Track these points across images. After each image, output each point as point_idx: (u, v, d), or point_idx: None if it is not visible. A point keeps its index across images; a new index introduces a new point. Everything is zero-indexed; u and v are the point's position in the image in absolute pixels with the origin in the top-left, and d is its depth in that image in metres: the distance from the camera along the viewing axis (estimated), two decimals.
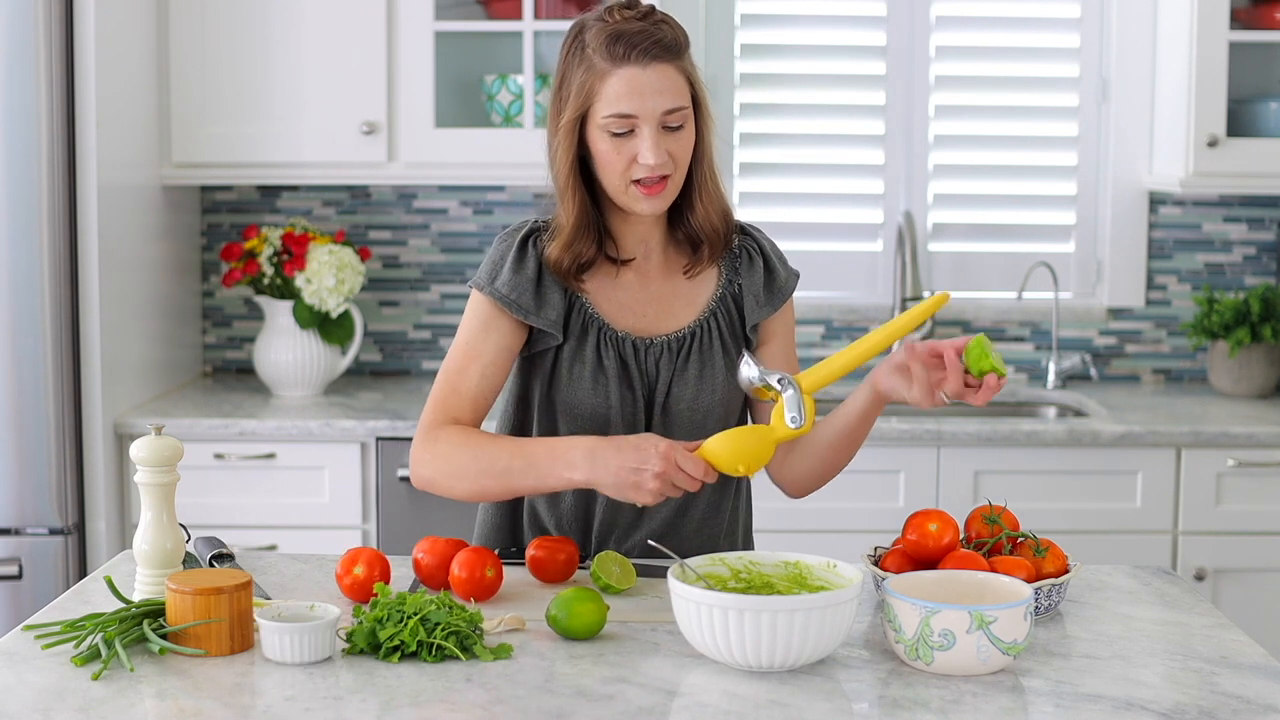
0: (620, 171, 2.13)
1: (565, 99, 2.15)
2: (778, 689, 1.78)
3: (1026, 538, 2.15)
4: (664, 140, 2.12)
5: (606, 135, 2.12)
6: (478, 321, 2.23)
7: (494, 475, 2.11)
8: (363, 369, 4.16)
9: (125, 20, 3.54)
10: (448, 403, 2.20)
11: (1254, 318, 3.89)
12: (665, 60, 2.11)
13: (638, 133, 2.11)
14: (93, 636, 1.89)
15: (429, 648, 1.86)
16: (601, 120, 2.12)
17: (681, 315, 2.27)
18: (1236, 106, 3.83)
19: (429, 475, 2.16)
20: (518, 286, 2.20)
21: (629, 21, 2.12)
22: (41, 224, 3.31)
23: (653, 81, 2.10)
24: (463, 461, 2.13)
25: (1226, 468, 3.54)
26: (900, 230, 3.98)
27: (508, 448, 2.12)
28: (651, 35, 2.10)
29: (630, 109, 2.10)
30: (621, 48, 2.10)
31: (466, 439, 2.14)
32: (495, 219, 4.12)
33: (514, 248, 2.23)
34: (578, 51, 2.14)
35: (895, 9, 4.07)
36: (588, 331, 2.23)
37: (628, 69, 2.10)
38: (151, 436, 2.04)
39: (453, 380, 2.21)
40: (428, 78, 3.73)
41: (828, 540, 3.48)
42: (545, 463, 2.08)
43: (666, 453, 2.02)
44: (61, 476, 3.37)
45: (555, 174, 2.19)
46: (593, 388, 2.22)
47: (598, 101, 2.11)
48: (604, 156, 2.14)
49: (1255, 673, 1.86)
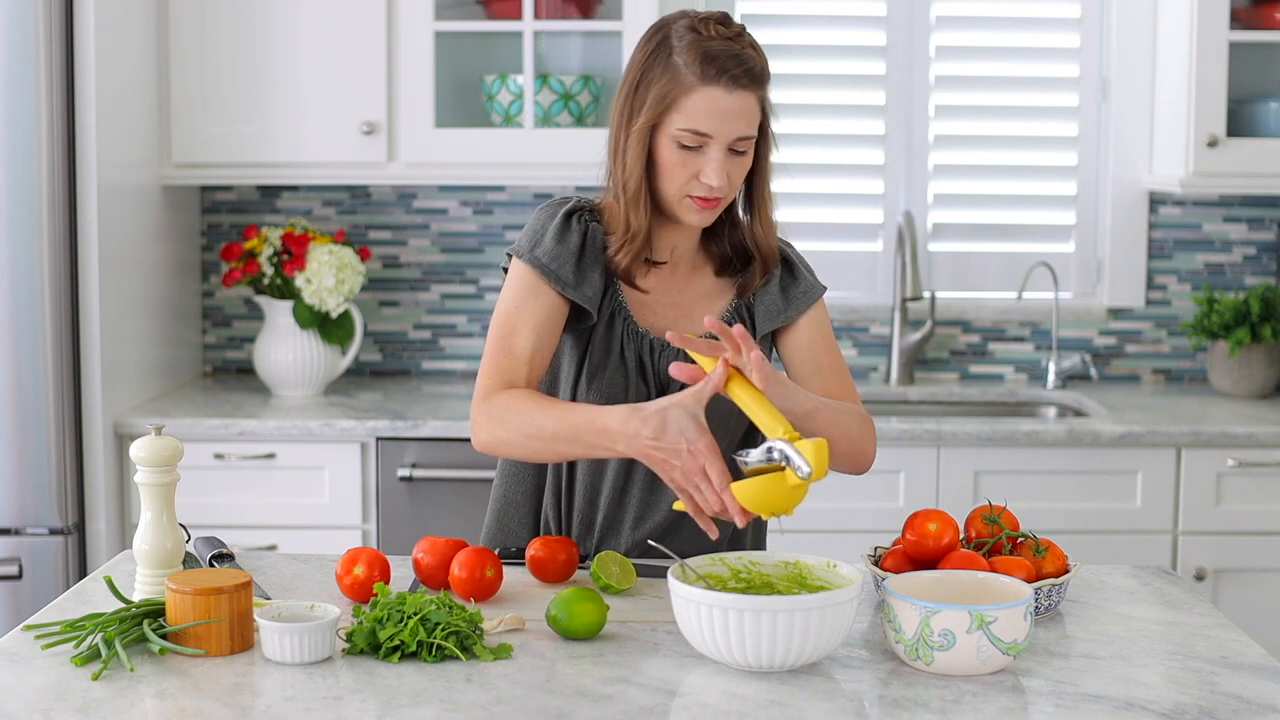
0: (681, 183, 2.15)
1: (642, 102, 2.14)
2: (778, 689, 1.78)
3: (1026, 538, 2.15)
4: (727, 162, 2.14)
5: (675, 146, 2.13)
6: (523, 286, 2.20)
7: (544, 440, 2.09)
8: (363, 369, 4.16)
9: (125, 20, 3.54)
10: (502, 365, 2.17)
11: (1254, 318, 3.89)
12: (749, 89, 2.13)
13: (706, 151, 2.13)
14: (93, 636, 1.89)
15: (429, 648, 1.86)
16: (675, 131, 2.12)
17: (699, 318, 2.28)
18: (1236, 106, 3.83)
19: (486, 440, 2.15)
20: (559, 257, 2.19)
21: (723, 41, 2.12)
22: (41, 224, 3.31)
23: (734, 107, 2.12)
24: (516, 425, 2.10)
25: (1226, 468, 3.54)
26: (900, 230, 3.98)
27: (554, 414, 2.09)
28: (743, 62, 2.11)
29: (707, 129, 2.11)
30: (714, 68, 2.10)
31: (520, 404, 2.11)
32: (495, 219, 4.12)
33: (558, 219, 2.22)
34: (662, 57, 2.13)
35: (895, 9, 4.07)
36: (615, 320, 2.24)
37: (714, 89, 2.10)
38: (151, 436, 2.04)
39: (505, 343, 2.18)
40: (428, 78, 3.73)
41: (828, 540, 3.48)
42: (588, 433, 2.05)
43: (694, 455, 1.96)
44: (61, 476, 3.37)
45: (625, 177, 2.17)
46: (613, 374, 2.23)
47: (676, 112, 2.12)
48: (668, 165, 2.14)
49: (1255, 673, 1.86)
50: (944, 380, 4.14)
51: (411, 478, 3.52)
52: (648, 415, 1.99)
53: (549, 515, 2.35)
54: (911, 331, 4.07)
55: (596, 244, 2.22)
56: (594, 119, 3.83)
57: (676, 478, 1.98)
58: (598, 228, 2.23)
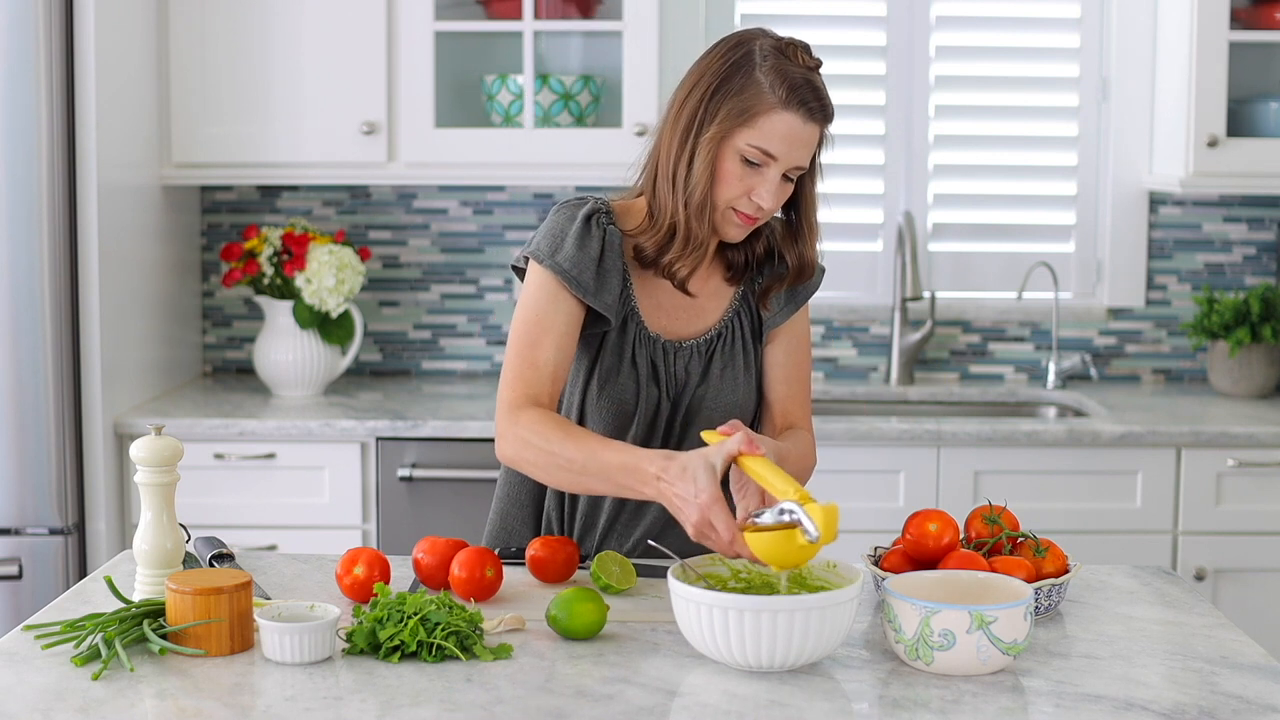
0: (733, 196, 2.15)
1: (715, 111, 2.13)
2: (778, 689, 1.78)
3: (1026, 538, 2.15)
4: (780, 186, 2.16)
5: (739, 159, 2.14)
6: (544, 294, 2.19)
7: (572, 473, 2.09)
8: (363, 369, 4.16)
9: (125, 20, 3.54)
10: (526, 377, 2.16)
11: (1254, 318, 3.89)
12: (820, 123, 2.15)
13: (765, 171, 2.14)
14: (93, 636, 1.89)
15: (429, 648, 1.86)
16: (743, 145, 2.12)
17: (708, 318, 2.29)
18: (1236, 106, 3.83)
19: (512, 458, 2.14)
20: (580, 263, 2.18)
21: (809, 71, 2.14)
22: (41, 224, 3.31)
23: (805, 137, 2.14)
24: (545, 451, 2.09)
25: (1226, 468, 3.54)
26: (900, 230, 3.98)
27: (586, 449, 2.07)
28: (821, 97, 2.14)
29: (777, 152, 2.12)
30: (800, 96, 2.11)
31: (551, 431, 2.10)
32: (495, 219, 4.12)
33: (578, 223, 2.21)
34: (745, 70, 2.13)
35: (895, 9, 4.07)
36: (628, 325, 2.24)
37: (794, 116, 2.11)
38: (151, 436, 2.04)
39: (529, 353, 2.17)
40: (428, 78, 3.73)
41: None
42: (619, 473, 2.04)
43: (699, 508, 1.96)
44: (61, 476, 3.37)
45: (691, 186, 2.16)
46: (624, 380, 2.24)
47: (751, 129, 2.12)
48: (727, 175, 2.15)
49: (1255, 673, 1.86)
50: (944, 380, 4.14)
51: (411, 478, 3.52)
52: (671, 462, 2.00)
53: (552, 515, 2.35)
54: (911, 331, 4.07)
55: (615, 248, 2.21)
56: (594, 119, 3.83)
57: (690, 528, 1.98)
58: (615, 231, 2.22)
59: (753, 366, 2.31)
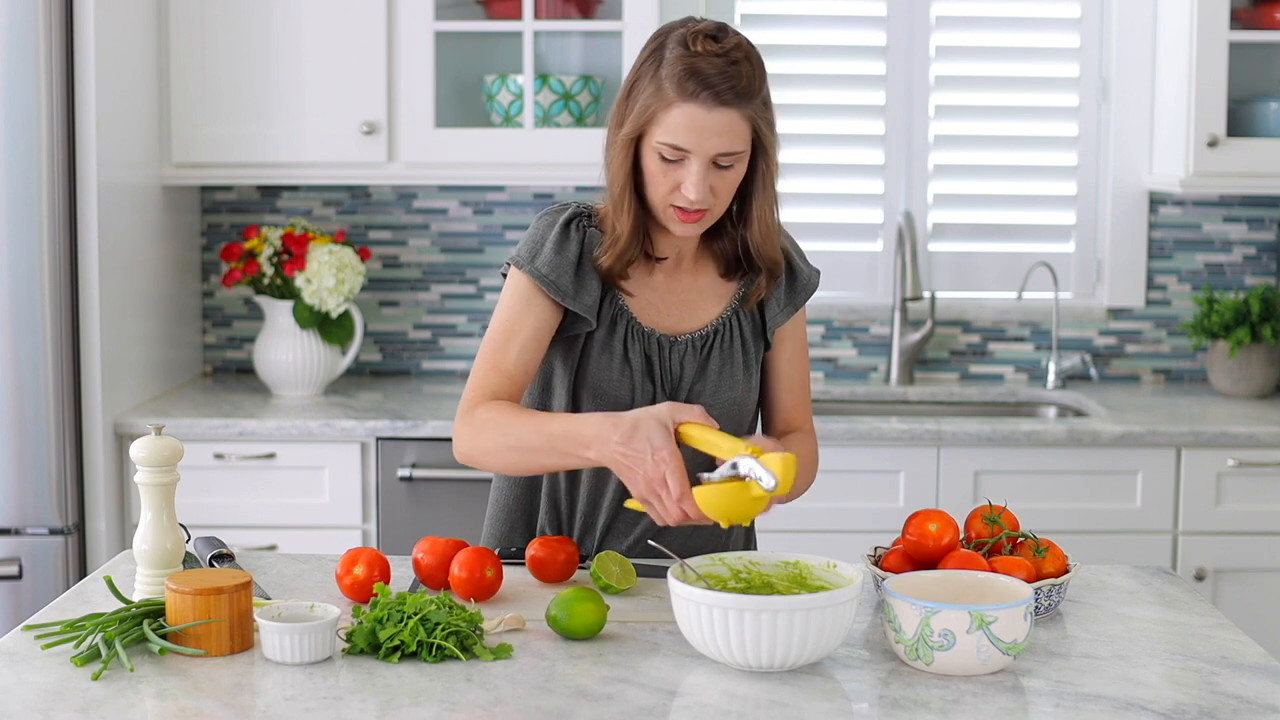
0: (664, 193, 2.15)
1: (629, 111, 2.16)
2: (778, 689, 1.78)
3: (1026, 538, 2.15)
4: (711, 176, 2.14)
5: (658, 157, 2.14)
6: (518, 299, 2.22)
7: (520, 452, 2.12)
8: (363, 369, 4.16)
9: (125, 20, 3.54)
10: (488, 379, 2.19)
11: (1254, 318, 3.89)
12: (732, 106, 2.11)
13: (685, 165, 2.13)
14: (93, 636, 1.89)
15: (429, 648, 1.86)
16: (655, 144, 2.13)
17: (705, 313, 2.29)
18: (1236, 106, 3.83)
19: (466, 450, 2.17)
20: (558, 268, 2.20)
21: (709, 58, 2.10)
22: (41, 224, 3.31)
23: (713, 124, 2.10)
24: (494, 437, 2.13)
25: (1226, 468, 3.54)
26: (900, 230, 3.98)
27: (532, 425, 2.11)
28: (727, 79, 2.10)
29: (684, 144, 2.11)
30: (694, 84, 2.09)
31: (499, 415, 2.14)
32: (495, 219, 4.12)
33: (557, 228, 2.23)
34: (652, 68, 2.13)
35: (895, 9, 4.07)
36: (617, 323, 2.25)
37: (692, 106, 2.10)
38: (151, 436, 2.04)
39: (493, 358, 2.20)
40: (428, 78, 3.73)
41: (828, 540, 3.48)
42: (562, 441, 2.07)
43: (656, 464, 1.98)
44: (61, 476, 3.37)
45: (610, 182, 2.20)
46: (618, 378, 2.24)
47: (656, 126, 2.12)
48: (652, 175, 2.16)
49: (1255, 673, 1.86)
50: (944, 380, 4.14)
51: (411, 478, 3.52)
52: (619, 421, 2.02)
53: (550, 515, 2.35)
54: (911, 331, 4.07)
55: (594, 250, 2.23)
56: (594, 119, 3.83)
57: (639, 485, 2.00)
58: (595, 233, 2.24)
59: (753, 365, 2.31)
